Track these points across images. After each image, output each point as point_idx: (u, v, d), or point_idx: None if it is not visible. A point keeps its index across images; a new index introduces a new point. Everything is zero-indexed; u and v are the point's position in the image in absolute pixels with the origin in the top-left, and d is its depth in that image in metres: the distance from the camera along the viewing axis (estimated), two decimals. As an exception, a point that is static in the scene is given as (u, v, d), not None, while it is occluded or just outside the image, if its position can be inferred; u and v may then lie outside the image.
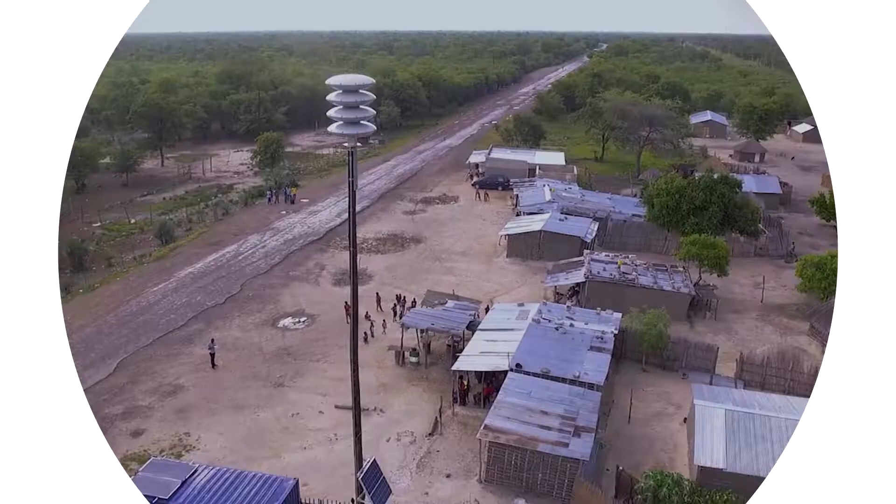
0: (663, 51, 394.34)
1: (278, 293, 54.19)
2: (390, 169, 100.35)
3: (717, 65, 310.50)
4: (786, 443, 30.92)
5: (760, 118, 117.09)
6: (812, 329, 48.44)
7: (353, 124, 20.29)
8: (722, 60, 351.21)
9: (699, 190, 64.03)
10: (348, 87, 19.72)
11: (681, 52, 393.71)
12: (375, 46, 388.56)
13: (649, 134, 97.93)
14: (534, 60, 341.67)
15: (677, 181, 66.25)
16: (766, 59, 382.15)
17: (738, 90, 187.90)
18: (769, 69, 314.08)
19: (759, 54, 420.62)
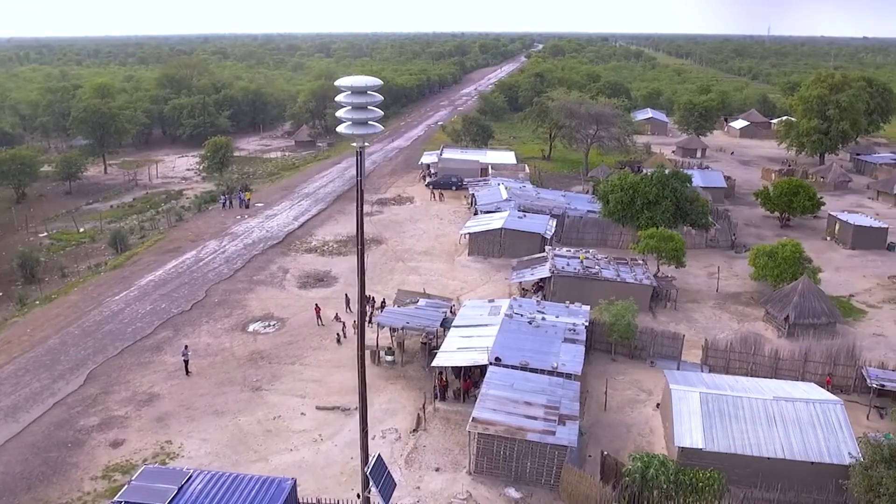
0: (598, 50, 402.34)
1: (244, 298, 53.74)
2: (342, 171, 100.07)
3: (651, 63, 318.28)
4: (758, 421, 32.68)
5: (700, 115, 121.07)
6: (767, 314, 50.66)
7: (362, 124, 20.62)
8: (656, 59, 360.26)
9: (652, 185, 66.19)
10: (357, 88, 20.08)
11: (615, 52, 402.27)
12: (312, 49, 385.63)
13: (596, 132, 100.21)
14: (472, 61, 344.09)
15: (631, 177, 68.31)
16: (697, 57, 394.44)
17: (675, 88, 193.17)
18: (701, 67, 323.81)
19: (689, 53, 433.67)
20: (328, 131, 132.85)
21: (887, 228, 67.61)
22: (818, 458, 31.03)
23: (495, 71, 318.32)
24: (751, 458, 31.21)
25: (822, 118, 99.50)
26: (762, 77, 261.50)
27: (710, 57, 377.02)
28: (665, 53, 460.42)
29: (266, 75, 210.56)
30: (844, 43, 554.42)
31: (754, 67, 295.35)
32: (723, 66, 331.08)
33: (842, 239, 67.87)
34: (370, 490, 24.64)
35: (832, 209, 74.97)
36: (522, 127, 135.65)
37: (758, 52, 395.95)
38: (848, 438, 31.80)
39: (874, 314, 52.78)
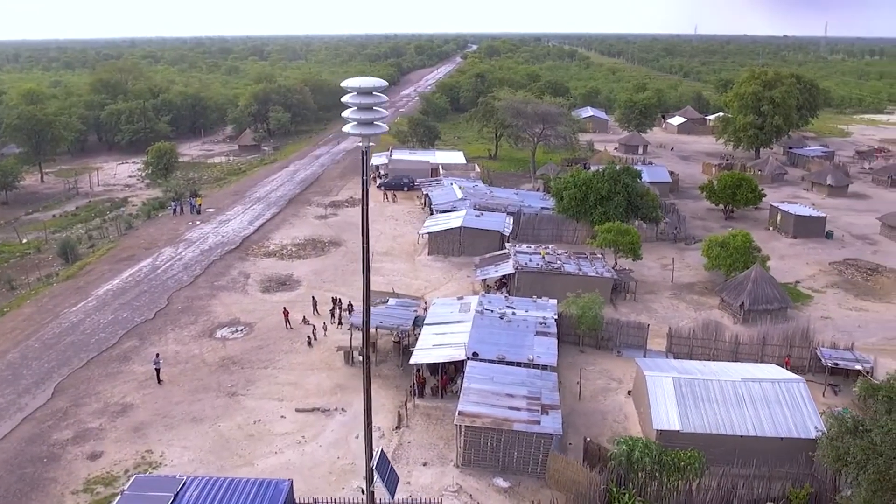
0: (532, 50, 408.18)
1: (208, 304, 53.06)
2: (291, 175, 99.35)
3: (586, 63, 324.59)
4: (729, 402, 34.29)
5: (640, 112, 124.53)
6: (723, 302, 52.84)
7: (367, 125, 20.97)
8: (590, 58, 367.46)
9: (604, 181, 68.00)
10: (363, 88, 20.43)
11: (549, 52, 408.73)
12: (245, 52, 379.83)
13: (543, 131, 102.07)
14: (409, 63, 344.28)
15: (584, 174, 70.02)
16: (629, 56, 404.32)
17: (611, 87, 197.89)
18: (634, 66, 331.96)
19: (621, 52, 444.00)
20: (272, 135, 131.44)
21: (825, 217, 71.20)
22: (787, 433, 32.82)
23: (432, 72, 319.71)
24: (725, 436, 32.78)
25: (757, 114, 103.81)
26: (693, 75, 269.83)
27: (641, 56, 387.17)
28: (597, 53, 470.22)
29: (201, 79, 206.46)
30: (766, 41, 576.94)
31: (685, 66, 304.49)
32: (654, 64, 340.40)
33: (784, 228, 71.11)
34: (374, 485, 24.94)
35: (772, 200, 78.37)
36: (466, 127, 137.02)
37: (687, 51, 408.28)
38: (812, 414, 33.72)
39: (819, 298, 55.62)
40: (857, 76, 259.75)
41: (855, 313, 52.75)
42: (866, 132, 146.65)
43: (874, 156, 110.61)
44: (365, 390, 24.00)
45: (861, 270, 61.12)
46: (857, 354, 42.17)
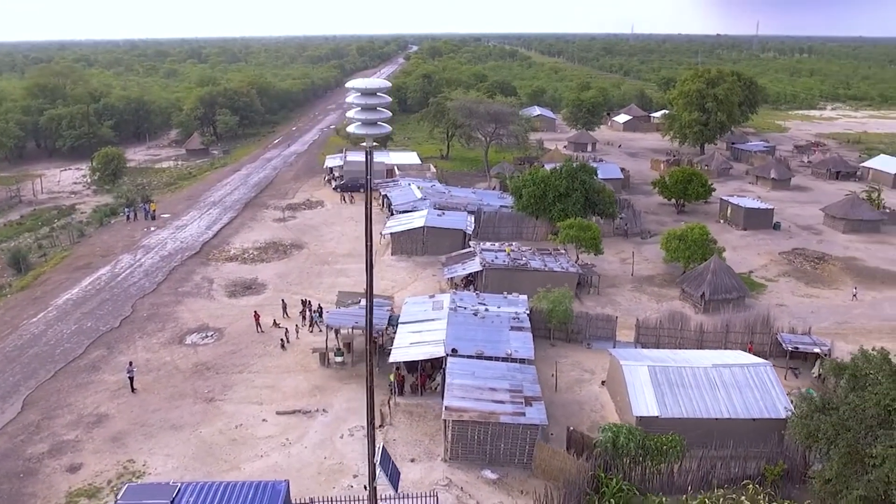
0: (474, 50, 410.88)
1: (174, 311, 52.26)
2: (244, 178, 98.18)
3: (528, 63, 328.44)
4: (702, 387, 35.68)
5: (588, 111, 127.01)
6: (683, 293, 54.63)
7: (372, 125, 21.28)
8: (532, 58, 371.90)
9: (562, 178, 69.36)
10: (367, 89, 20.75)
11: (491, 52, 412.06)
12: (182, 54, 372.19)
13: (495, 130, 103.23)
14: (351, 64, 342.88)
15: (542, 171, 71.29)
16: (569, 55, 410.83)
17: (555, 86, 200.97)
18: (575, 65, 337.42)
19: (561, 51, 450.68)
20: (220, 138, 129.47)
21: (773, 209, 74.11)
22: (758, 414, 34.36)
23: (375, 73, 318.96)
24: (701, 420, 34.12)
25: (702, 111, 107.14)
26: (633, 73, 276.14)
27: (581, 55, 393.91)
28: (538, 52, 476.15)
29: (139, 83, 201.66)
30: (700, 40, 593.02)
31: (625, 64, 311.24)
32: (595, 63, 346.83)
33: (734, 221, 73.73)
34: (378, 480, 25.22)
35: (720, 195, 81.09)
36: (416, 128, 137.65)
37: (625, 50, 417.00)
38: (781, 395, 35.37)
39: (773, 287, 58.00)
40: (790, 73, 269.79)
41: (807, 300, 55.20)
42: (802, 127, 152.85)
43: (812, 150, 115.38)
44: (368, 389, 24.23)
45: (809, 259, 63.91)
46: (815, 338, 44.27)
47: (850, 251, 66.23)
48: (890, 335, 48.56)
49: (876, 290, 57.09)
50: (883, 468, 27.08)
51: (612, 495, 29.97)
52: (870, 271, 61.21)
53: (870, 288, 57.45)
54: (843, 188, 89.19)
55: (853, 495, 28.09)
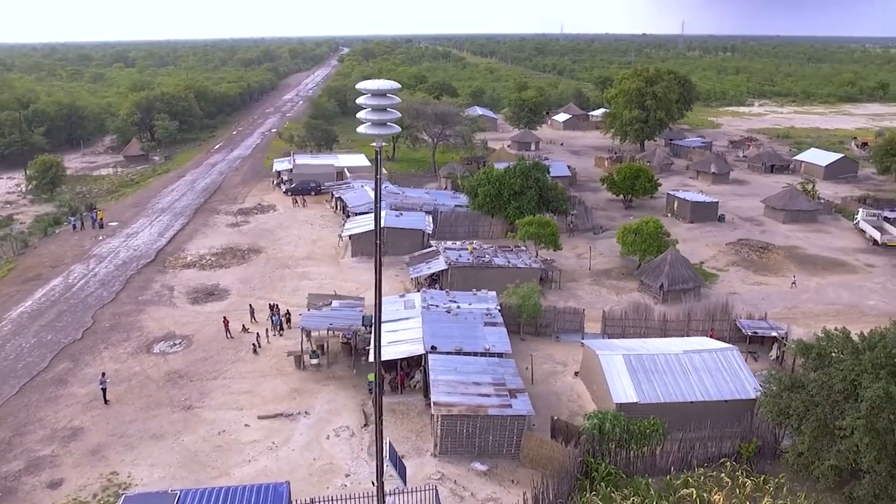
0: (407, 52, 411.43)
1: (137, 320, 51.20)
2: (190, 184, 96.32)
3: (462, 63, 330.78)
4: (675, 373, 37.24)
5: (530, 110, 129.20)
6: (642, 284, 56.51)
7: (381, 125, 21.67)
8: (465, 59, 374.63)
9: (516, 176, 70.67)
10: (377, 91, 21.16)
11: (424, 53, 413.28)
12: (107, 58, 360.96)
13: (442, 130, 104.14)
14: (285, 67, 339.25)
15: (496, 170, 72.46)
16: (502, 56, 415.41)
17: (493, 86, 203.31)
18: (509, 65, 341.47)
19: (494, 52, 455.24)
20: (160, 144, 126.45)
21: (718, 203, 77.18)
22: (730, 395, 36.13)
23: (310, 76, 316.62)
24: (677, 404, 35.65)
25: (642, 108, 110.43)
26: (567, 73, 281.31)
27: (514, 55, 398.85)
28: (471, 53, 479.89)
29: (63, 88, 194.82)
30: (627, 39, 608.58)
31: (558, 64, 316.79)
32: (528, 63, 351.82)
33: (681, 214, 76.47)
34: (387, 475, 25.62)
35: (665, 189, 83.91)
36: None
37: (557, 50, 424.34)
38: (749, 377, 37.26)
39: (724, 276, 60.55)
40: (717, 71, 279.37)
41: (757, 287, 57.87)
42: (733, 123, 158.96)
43: (746, 145, 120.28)
44: (376, 391, 24.58)
45: (754, 249, 66.91)
46: (771, 323, 46.60)
47: (791, 240, 69.65)
48: (835, 317, 51.39)
49: (818, 276, 60.27)
50: (852, 438, 29.06)
51: (602, 479, 31.12)
52: (811, 258, 64.53)
53: (813, 274, 60.61)
54: (778, 181, 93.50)
55: (825, 465, 30.04)
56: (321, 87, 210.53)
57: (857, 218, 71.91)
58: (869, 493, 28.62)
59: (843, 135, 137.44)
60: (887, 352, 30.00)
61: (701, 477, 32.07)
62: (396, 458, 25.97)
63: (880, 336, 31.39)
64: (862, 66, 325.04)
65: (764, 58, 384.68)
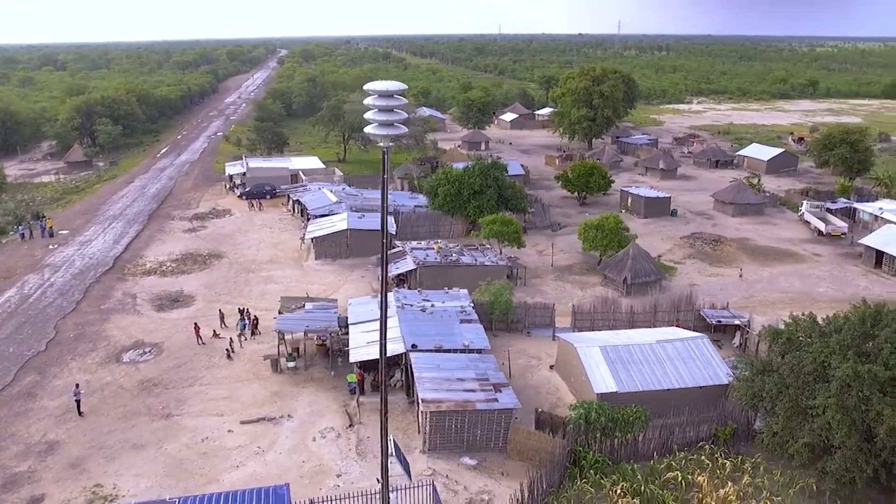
0: (347, 53, 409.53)
1: (103, 329, 50.07)
2: (140, 189, 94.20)
3: (404, 64, 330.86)
4: (651, 362, 38.56)
5: (479, 110, 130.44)
6: (605, 279, 57.99)
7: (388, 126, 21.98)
8: (406, 60, 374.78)
9: (475, 176, 71.55)
10: (384, 92, 21.49)
11: (364, 54, 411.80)
12: (36, 61, 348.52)
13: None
14: (223, 69, 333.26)
15: (456, 171, 73.18)
16: (442, 56, 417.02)
17: (437, 87, 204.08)
18: (449, 66, 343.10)
19: (433, 53, 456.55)
20: (103, 149, 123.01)
21: (670, 198, 79.57)
22: (704, 382, 37.62)
23: (249, 78, 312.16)
24: (655, 392, 36.94)
25: (589, 107, 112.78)
26: (508, 73, 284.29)
27: (454, 56, 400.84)
28: (410, 54, 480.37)
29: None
30: (564, 39, 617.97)
31: (499, 64, 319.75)
32: (469, 63, 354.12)
33: (635, 210, 78.56)
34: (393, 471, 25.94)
35: (617, 186, 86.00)
36: (306, 132, 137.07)
37: (496, 50, 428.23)
38: (720, 363, 38.85)
39: (682, 269, 62.57)
40: (655, 70, 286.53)
41: (714, 279, 60.03)
42: (675, 120, 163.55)
43: (690, 142, 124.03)
44: (382, 392, 24.89)
45: (707, 242, 69.32)
46: (733, 312, 48.53)
47: (741, 232, 72.37)
48: (790, 304, 53.81)
49: (770, 266, 62.86)
50: (824, 416, 30.66)
51: (591, 466, 32.09)
52: (762, 250, 67.24)
53: (764, 265, 63.19)
54: (723, 176, 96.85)
55: (799, 443, 31.58)
56: (264, 90, 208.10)
57: (802, 210, 75.19)
58: (841, 466, 30.22)
59: (779, 130, 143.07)
60: (853, 334, 31.81)
61: (682, 460, 33.36)
62: (401, 455, 26.31)
63: (845, 319, 33.20)
64: (791, 64, 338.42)
65: (698, 56, 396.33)
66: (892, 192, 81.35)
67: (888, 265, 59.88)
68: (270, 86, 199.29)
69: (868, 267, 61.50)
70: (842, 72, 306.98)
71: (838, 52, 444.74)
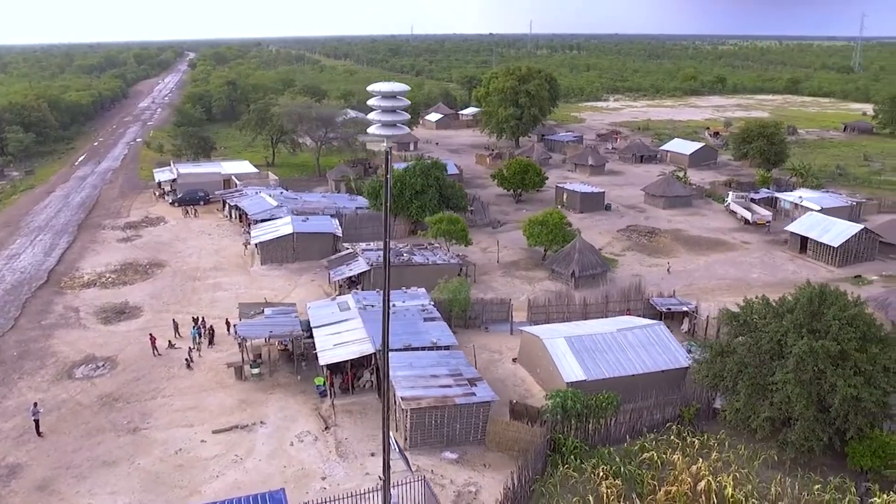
0: (260, 55, 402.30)
1: (48, 345, 48.08)
2: (64, 199, 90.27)
3: (319, 66, 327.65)
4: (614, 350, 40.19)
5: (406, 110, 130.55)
6: (553, 273, 59.65)
7: (391, 126, 22.35)
8: (321, 62, 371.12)
9: (417, 176, 72.13)
10: (387, 93, 21.86)
11: (277, 56, 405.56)
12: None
13: (326, 133, 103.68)
14: (132, 73, 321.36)
15: (396, 171, 73.48)
16: (357, 58, 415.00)
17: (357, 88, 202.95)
18: (365, 67, 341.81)
19: (348, 54, 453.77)
20: (15, 158, 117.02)
21: (604, 193, 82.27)
22: (666, 366, 39.50)
23: (160, 82, 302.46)
24: (621, 378, 38.54)
25: (516, 106, 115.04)
26: (425, 73, 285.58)
27: (369, 57, 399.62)
28: (324, 56, 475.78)
29: None
30: (475, 39, 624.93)
31: (416, 65, 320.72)
32: (384, 64, 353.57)
33: (571, 205, 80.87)
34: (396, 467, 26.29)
35: (550, 183, 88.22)
36: (229, 136, 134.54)
37: (411, 51, 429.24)
38: (678, 348, 40.86)
39: (623, 261, 64.98)
40: (570, 69, 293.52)
41: (654, 269, 62.63)
42: (595, 118, 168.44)
43: (613, 138, 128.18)
44: (385, 387, 25.21)
45: (643, 234, 72.16)
46: (680, 300, 50.92)
47: (673, 224, 75.67)
48: (728, 290, 56.91)
49: (705, 255, 66.10)
50: (784, 391, 32.84)
51: (571, 452, 33.29)
52: (695, 240, 70.55)
53: (699, 254, 66.39)
54: (648, 170, 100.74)
55: (761, 417, 33.69)
56: (179, 94, 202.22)
57: (728, 201, 79.23)
58: (800, 436, 32.43)
59: (695, 125, 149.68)
60: (805, 313, 34.16)
61: (653, 441, 35.00)
62: (400, 450, 26.72)
63: (795, 300, 35.57)
64: (697, 62, 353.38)
65: (609, 55, 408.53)
66: (807, 182, 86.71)
67: (812, 250, 63.96)
68: (187, 90, 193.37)
69: (794, 252, 65.54)
70: (745, 69, 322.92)
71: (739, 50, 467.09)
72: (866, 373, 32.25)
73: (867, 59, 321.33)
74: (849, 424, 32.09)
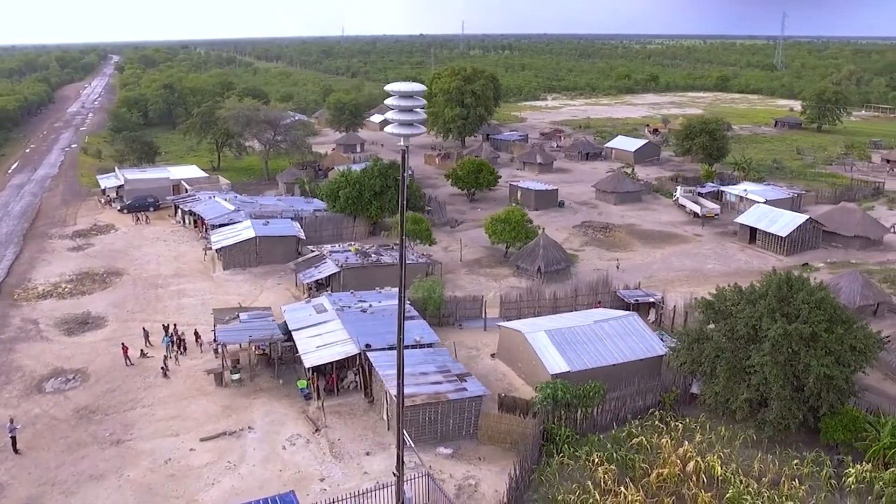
0: (191, 58, 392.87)
1: (11, 359, 46.39)
2: (3, 209, 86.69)
3: (253, 69, 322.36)
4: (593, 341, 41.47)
5: (351, 112, 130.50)
6: (518, 269, 60.78)
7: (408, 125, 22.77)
8: (254, 64, 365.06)
9: (375, 177, 72.30)
10: (405, 93, 22.30)
11: (207, 59, 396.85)
12: None
13: (274, 136, 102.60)
14: (56, 77, 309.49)
15: (356, 173, 73.56)
16: (289, 60, 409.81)
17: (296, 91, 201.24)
18: (299, 69, 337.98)
19: (280, 56, 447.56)
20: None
21: (557, 190, 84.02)
22: (643, 355, 41.01)
23: (87, 86, 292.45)
24: (602, 368, 39.84)
25: (462, 106, 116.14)
26: (360, 74, 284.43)
27: (302, 59, 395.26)
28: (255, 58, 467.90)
29: None
30: (406, 40, 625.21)
31: (351, 66, 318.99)
32: (318, 66, 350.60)
33: (525, 203, 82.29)
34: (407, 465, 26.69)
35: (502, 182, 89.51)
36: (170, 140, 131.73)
37: (343, 52, 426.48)
38: (653, 337, 42.46)
39: (583, 255, 66.65)
40: (505, 69, 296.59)
41: (613, 263, 64.41)
42: (536, 117, 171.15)
43: (557, 136, 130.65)
44: (399, 388, 25.59)
45: (598, 229, 74.11)
46: (646, 291, 52.70)
47: (626, 219, 77.94)
48: (686, 281, 59.16)
49: (660, 248, 68.42)
50: (761, 373, 34.62)
51: (564, 441, 34.31)
52: (648, 233, 72.89)
53: (655, 247, 68.67)
54: (595, 167, 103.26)
55: (740, 399, 35.41)
56: (113, 98, 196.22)
57: (676, 195, 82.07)
58: (777, 415, 34.27)
59: (633, 123, 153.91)
60: (776, 298, 36.07)
61: (639, 427, 36.37)
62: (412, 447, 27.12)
63: (766, 287, 37.49)
64: (628, 60, 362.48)
65: (541, 55, 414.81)
66: (749, 176, 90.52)
67: (761, 240, 66.99)
68: (120, 94, 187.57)
69: (744, 243, 68.51)
70: (675, 67, 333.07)
71: (667, 49, 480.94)
72: (836, 352, 34.34)
73: (788, 58, 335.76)
74: (821, 402, 34.11)
